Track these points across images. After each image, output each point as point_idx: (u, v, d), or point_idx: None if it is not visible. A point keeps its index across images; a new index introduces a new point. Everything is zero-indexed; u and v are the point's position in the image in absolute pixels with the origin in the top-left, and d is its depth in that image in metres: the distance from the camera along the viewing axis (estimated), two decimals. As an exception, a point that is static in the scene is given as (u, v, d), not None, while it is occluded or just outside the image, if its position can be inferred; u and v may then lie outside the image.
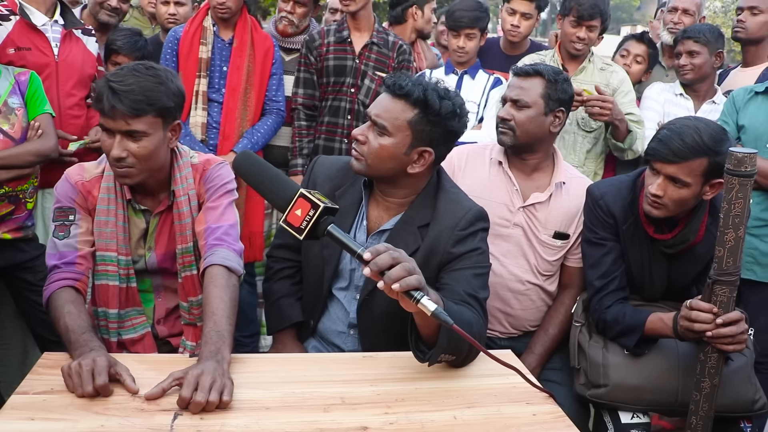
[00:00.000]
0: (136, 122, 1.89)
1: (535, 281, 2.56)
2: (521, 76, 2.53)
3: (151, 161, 1.96)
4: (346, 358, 1.95)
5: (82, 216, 2.04)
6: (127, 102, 1.86)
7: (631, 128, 3.32)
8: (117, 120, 1.89)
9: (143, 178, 2.00)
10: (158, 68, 1.98)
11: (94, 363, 1.61)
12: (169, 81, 1.96)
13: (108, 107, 1.87)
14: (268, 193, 1.66)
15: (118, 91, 1.86)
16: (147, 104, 1.89)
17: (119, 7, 3.49)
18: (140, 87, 1.89)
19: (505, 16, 3.78)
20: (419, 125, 1.96)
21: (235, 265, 1.96)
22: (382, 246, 1.55)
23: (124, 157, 1.91)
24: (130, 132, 1.90)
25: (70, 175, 2.07)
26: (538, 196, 2.51)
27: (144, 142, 1.92)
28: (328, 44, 3.44)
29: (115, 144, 1.91)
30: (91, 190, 2.04)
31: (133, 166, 1.94)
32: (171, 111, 1.97)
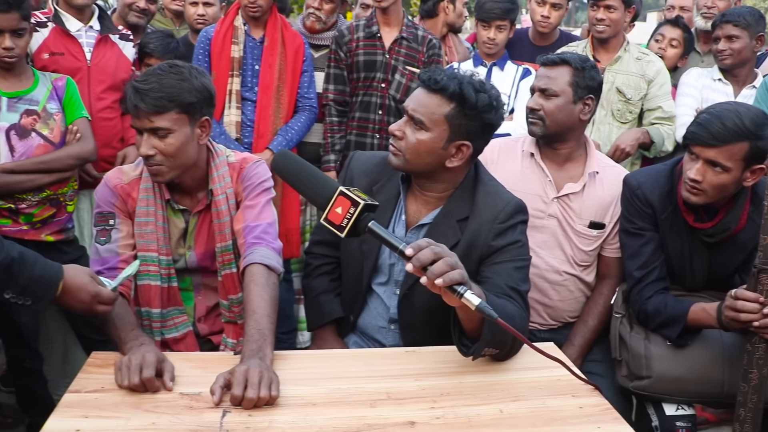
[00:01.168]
0: (159, 119, 1.92)
1: (572, 272, 2.54)
2: (548, 66, 2.51)
3: (179, 157, 1.98)
4: (389, 353, 1.95)
5: (122, 220, 2.07)
6: (148, 100, 1.89)
7: (653, 138, 3.31)
8: (141, 118, 1.92)
9: (176, 175, 2.01)
10: (182, 65, 2.00)
11: (143, 358, 1.64)
12: (192, 77, 1.97)
13: (131, 107, 1.92)
14: (308, 191, 1.66)
15: (140, 90, 1.90)
16: (168, 101, 1.91)
17: (147, 8, 3.52)
18: (161, 85, 1.91)
19: (534, 6, 3.75)
20: (456, 119, 1.95)
21: (274, 263, 1.97)
22: (424, 241, 1.54)
23: (152, 155, 1.94)
24: (155, 129, 1.93)
25: (109, 178, 2.10)
26: (572, 186, 2.50)
27: (170, 139, 1.94)
28: (357, 39, 3.45)
29: (143, 142, 1.95)
30: (131, 193, 2.07)
31: (162, 163, 1.96)
32: (195, 106, 1.97)
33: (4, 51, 2.57)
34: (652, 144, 3.36)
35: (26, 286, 1.63)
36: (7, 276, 1.60)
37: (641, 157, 3.52)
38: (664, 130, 3.39)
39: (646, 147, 3.39)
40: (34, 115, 2.69)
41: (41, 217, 2.71)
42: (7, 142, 2.64)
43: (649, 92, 3.42)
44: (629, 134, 3.34)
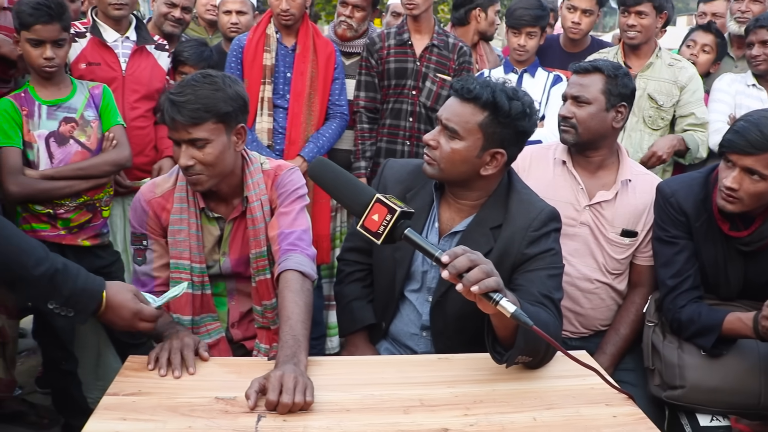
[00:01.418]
0: (197, 130, 1.94)
1: (604, 280, 2.53)
2: (580, 73, 2.50)
3: (218, 166, 2.01)
4: (422, 360, 1.96)
5: (154, 240, 2.13)
6: (185, 112, 1.92)
7: (689, 144, 3.29)
8: (179, 130, 1.95)
9: (215, 183, 2.04)
10: (215, 75, 2.03)
11: (182, 343, 1.79)
12: (227, 86, 2.00)
13: (169, 119, 1.94)
14: (344, 198, 1.68)
15: (176, 103, 1.92)
16: (204, 111, 1.94)
17: (182, 18, 3.57)
18: (197, 96, 1.93)
19: (565, 13, 3.74)
20: (490, 127, 1.95)
21: (308, 269, 1.99)
22: (460, 248, 1.55)
23: (191, 165, 1.97)
24: (193, 140, 1.96)
25: (142, 194, 2.14)
26: (604, 194, 2.49)
27: (208, 149, 1.97)
28: (388, 47, 3.47)
29: (182, 153, 1.97)
30: (165, 205, 2.11)
31: (202, 172, 1.99)
32: (231, 115, 2.00)
33: (45, 61, 2.63)
34: (687, 151, 3.33)
35: (69, 297, 1.67)
36: (51, 286, 1.64)
37: (673, 164, 3.49)
38: (698, 136, 3.36)
39: (681, 154, 3.36)
40: (73, 123, 2.75)
41: (78, 222, 2.77)
42: (47, 149, 2.70)
43: (681, 99, 3.39)
44: (665, 141, 3.32)
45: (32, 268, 1.61)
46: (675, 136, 3.36)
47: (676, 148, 3.30)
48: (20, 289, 1.66)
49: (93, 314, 1.72)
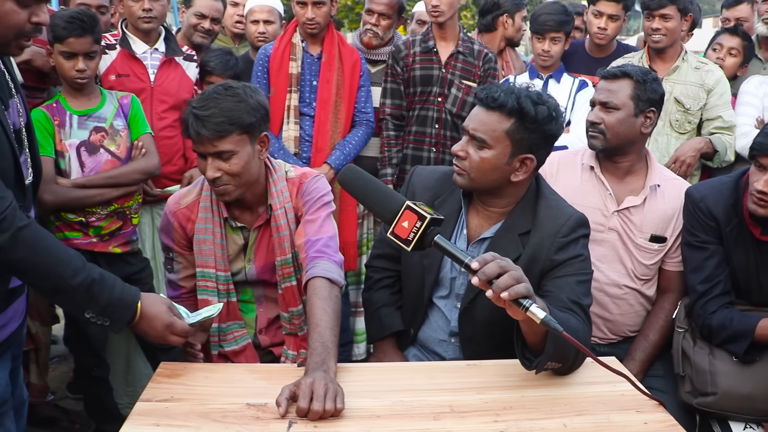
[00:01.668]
0: (222, 143, 1.97)
1: (632, 285, 2.52)
2: (609, 79, 2.50)
3: (245, 176, 2.03)
4: (450, 367, 1.96)
5: (179, 253, 2.18)
6: (210, 126, 1.94)
7: (717, 147, 3.26)
8: (204, 144, 1.98)
9: (242, 193, 2.07)
10: (236, 86, 2.05)
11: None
12: (248, 97, 2.02)
13: (194, 134, 1.97)
14: (374, 205, 1.69)
15: (200, 117, 1.95)
16: (229, 124, 1.96)
17: (212, 29, 3.61)
18: (220, 109, 1.96)
19: (591, 18, 3.71)
20: (517, 134, 1.96)
21: (336, 276, 2.00)
22: (489, 255, 1.56)
23: (218, 177, 2.00)
24: (219, 153, 1.98)
25: (169, 206, 2.18)
26: (633, 199, 2.48)
27: (234, 160, 1.99)
28: (414, 54, 3.48)
29: (208, 166, 2.00)
30: (190, 216, 2.15)
31: (229, 183, 2.02)
32: (254, 125, 2.02)
33: (77, 73, 2.68)
34: (715, 153, 3.30)
35: (105, 307, 1.70)
36: (89, 296, 1.67)
37: (701, 167, 3.45)
38: (726, 139, 3.33)
39: (708, 157, 3.33)
40: (102, 132, 2.79)
41: (109, 230, 2.81)
42: (78, 158, 2.74)
43: (708, 102, 3.36)
44: (689, 144, 3.29)
45: (70, 278, 1.64)
46: (701, 139, 3.33)
47: (702, 151, 3.27)
48: (59, 298, 1.70)
49: (128, 324, 1.75)
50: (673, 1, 3.31)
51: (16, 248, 1.58)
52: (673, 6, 3.32)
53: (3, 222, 1.55)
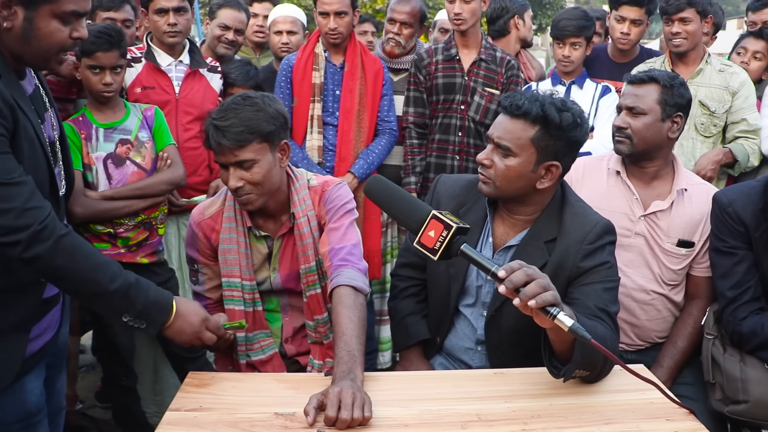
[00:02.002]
0: (243, 152, 1.99)
1: (660, 291, 2.49)
2: (635, 84, 2.49)
3: (267, 184, 2.05)
4: (478, 375, 1.96)
5: (204, 264, 2.21)
6: (230, 136, 1.97)
7: (737, 156, 3.23)
8: (226, 154, 2.00)
9: (265, 201, 2.09)
10: (254, 96, 2.07)
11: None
12: (266, 106, 2.04)
13: (215, 144, 1.99)
14: (400, 215, 1.70)
15: (220, 128, 1.97)
16: (249, 133, 1.98)
17: (235, 40, 3.64)
18: (239, 119, 1.98)
19: (613, 23, 3.69)
20: (542, 141, 1.96)
21: (361, 284, 2.00)
22: (516, 263, 1.56)
23: (241, 186, 2.02)
24: (240, 162, 2.00)
25: (193, 217, 2.21)
26: (659, 204, 2.46)
27: (255, 169, 2.01)
28: (436, 63, 3.49)
29: (230, 176, 2.02)
30: (214, 226, 2.17)
31: (252, 192, 2.04)
32: (273, 133, 2.04)
33: (104, 86, 2.72)
34: (735, 162, 3.27)
35: (142, 310, 1.75)
36: (126, 301, 1.72)
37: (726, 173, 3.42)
38: (749, 145, 3.30)
39: (729, 165, 3.30)
40: (128, 144, 2.83)
41: (136, 241, 2.84)
42: (105, 171, 2.78)
43: (733, 105, 3.32)
44: (708, 157, 3.26)
45: (108, 284, 1.69)
46: (719, 150, 3.30)
47: (721, 163, 3.25)
48: (97, 304, 1.75)
49: (162, 325, 1.80)
50: (691, 3, 3.29)
51: (57, 256, 1.62)
52: (692, 9, 3.30)
53: (44, 231, 1.59)
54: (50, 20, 1.59)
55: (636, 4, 3.57)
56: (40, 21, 1.58)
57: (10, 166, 1.56)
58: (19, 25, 1.57)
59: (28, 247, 1.58)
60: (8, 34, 1.58)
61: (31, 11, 1.57)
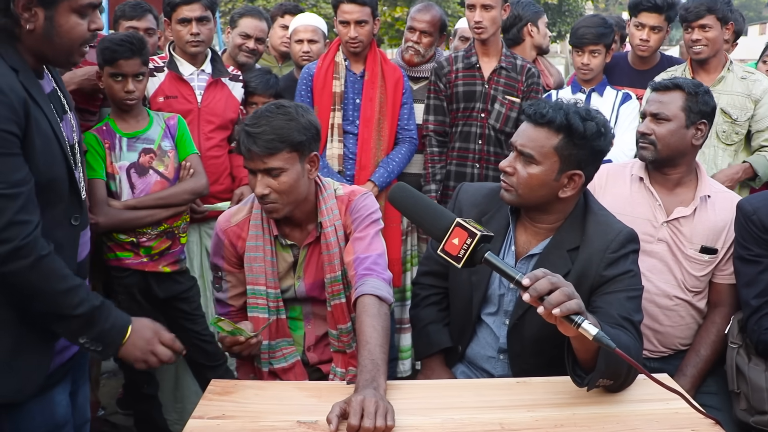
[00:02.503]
0: (272, 160, 2.00)
1: (683, 297, 2.48)
2: (660, 91, 2.49)
3: (293, 194, 2.06)
4: (500, 384, 1.95)
5: (228, 271, 2.22)
6: (261, 143, 1.98)
7: (758, 170, 3.23)
8: (255, 160, 2.01)
9: (290, 211, 2.10)
10: (288, 105, 2.09)
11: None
12: (299, 116, 2.06)
13: (245, 150, 2.01)
14: (424, 223, 1.70)
15: (251, 134, 1.99)
16: (279, 142, 2.00)
17: (256, 48, 3.67)
18: (271, 127, 2.00)
19: (633, 30, 3.68)
20: (566, 150, 1.96)
21: (385, 293, 2.01)
22: (540, 271, 1.55)
23: (267, 194, 2.03)
24: (269, 170, 2.01)
25: (219, 224, 2.22)
26: (682, 210, 2.45)
27: (283, 177, 2.02)
28: (456, 71, 3.49)
29: (258, 182, 2.03)
30: (240, 234, 2.18)
31: (277, 201, 2.05)
32: (304, 144, 2.05)
33: (126, 94, 2.75)
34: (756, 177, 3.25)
35: (100, 333, 1.74)
36: (86, 326, 1.72)
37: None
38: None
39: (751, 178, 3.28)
40: (151, 153, 2.85)
41: (159, 250, 2.86)
42: (128, 180, 2.80)
43: (756, 113, 3.30)
44: (726, 173, 3.24)
45: (74, 308, 1.69)
46: (739, 167, 3.27)
47: (740, 180, 3.24)
48: (56, 324, 1.73)
49: (119, 347, 1.79)
50: (711, 10, 3.27)
51: (33, 275, 1.62)
52: (712, 15, 3.28)
53: (24, 248, 1.59)
54: (70, 16, 1.62)
55: (655, 10, 3.56)
56: (61, 18, 1.61)
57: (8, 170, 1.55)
58: (41, 25, 1.60)
59: (5, 261, 1.57)
60: (31, 36, 1.61)
61: (51, 10, 1.60)
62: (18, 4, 1.56)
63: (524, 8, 3.98)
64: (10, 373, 1.66)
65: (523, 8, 3.98)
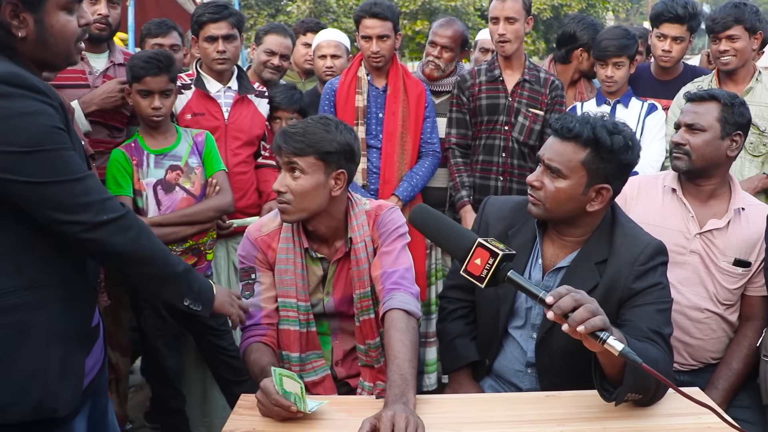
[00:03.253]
0: (296, 159, 2.04)
1: (714, 309, 2.46)
2: (695, 101, 2.48)
3: (306, 200, 2.07)
4: (529, 398, 1.95)
5: (263, 273, 2.20)
6: (291, 141, 2.04)
7: None
8: (282, 156, 2.06)
9: (302, 218, 2.11)
10: (331, 119, 2.13)
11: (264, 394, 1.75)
12: (338, 131, 2.08)
13: (275, 145, 2.07)
14: (447, 244, 1.71)
15: (286, 132, 2.06)
16: (307, 145, 2.03)
17: (281, 65, 3.71)
18: (306, 131, 2.05)
19: (655, 41, 3.66)
20: (593, 164, 1.96)
21: (413, 308, 2.02)
22: (564, 288, 1.55)
23: (282, 192, 2.05)
24: (291, 167, 2.05)
25: (250, 232, 2.23)
26: (716, 222, 2.43)
27: (301, 180, 2.04)
28: (479, 84, 3.49)
29: (278, 178, 2.08)
30: (270, 244, 2.19)
31: (290, 201, 2.06)
32: (332, 156, 2.07)
33: (152, 110, 2.80)
34: None
35: (198, 293, 1.85)
36: (187, 284, 1.82)
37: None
38: None
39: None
40: (178, 170, 2.88)
41: (185, 266, 2.89)
42: (155, 197, 2.84)
43: (785, 124, 3.27)
44: (744, 185, 3.20)
45: (177, 267, 1.80)
46: (756, 178, 3.24)
47: (756, 190, 3.20)
48: (166, 289, 1.82)
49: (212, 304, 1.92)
50: (738, 20, 3.24)
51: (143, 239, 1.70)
52: (740, 26, 3.24)
53: (127, 217, 1.66)
54: (58, 14, 1.60)
55: (677, 21, 3.53)
56: (51, 18, 1.60)
57: (73, 161, 1.59)
58: (32, 30, 1.58)
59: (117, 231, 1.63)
60: (25, 43, 1.59)
61: (39, 12, 1.58)
62: (5, 12, 1.54)
63: (583, 30, 3.86)
64: (56, 388, 1.63)
65: (582, 29, 3.86)
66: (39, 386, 1.59)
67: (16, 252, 1.57)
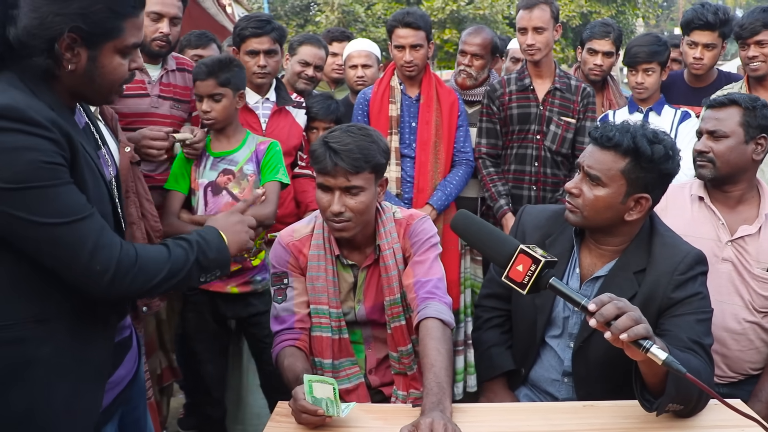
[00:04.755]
0: (355, 178, 2.03)
1: (751, 319, 2.42)
2: (715, 108, 2.45)
3: (365, 214, 2.09)
4: (566, 408, 1.94)
5: (295, 277, 2.21)
6: (348, 160, 2.01)
7: None
8: (338, 177, 2.03)
9: (359, 230, 2.12)
10: (368, 128, 2.14)
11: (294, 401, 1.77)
12: (379, 140, 2.10)
13: (331, 165, 2.01)
14: (488, 250, 1.72)
15: (338, 151, 2.01)
16: (365, 161, 2.03)
17: (315, 75, 3.73)
18: (357, 146, 2.03)
19: (686, 49, 3.63)
20: (633, 173, 1.95)
21: (448, 317, 2.03)
22: (606, 296, 1.55)
23: (342, 212, 2.05)
24: (349, 188, 2.04)
25: (282, 237, 2.25)
26: (747, 228, 2.40)
27: (361, 197, 2.05)
28: (510, 93, 3.49)
29: (334, 200, 2.05)
30: (302, 249, 2.20)
31: (350, 219, 2.07)
32: (383, 167, 2.10)
33: (202, 114, 2.84)
34: None
35: (211, 262, 1.71)
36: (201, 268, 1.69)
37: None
38: None
39: None
40: (230, 175, 2.89)
41: (224, 272, 2.89)
42: (204, 198, 2.87)
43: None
44: None
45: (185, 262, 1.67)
46: None
47: None
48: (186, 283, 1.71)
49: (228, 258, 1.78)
50: (766, 25, 3.21)
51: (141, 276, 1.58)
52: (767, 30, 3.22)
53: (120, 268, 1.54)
54: (113, 56, 1.58)
55: (708, 28, 3.51)
56: (105, 59, 1.57)
57: (75, 198, 1.51)
58: (83, 66, 1.54)
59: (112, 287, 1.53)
60: (71, 75, 1.55)
61: (95, 50, 1.54)
62: (62, 44, 1.49)
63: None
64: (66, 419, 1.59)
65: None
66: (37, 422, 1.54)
67: (23, 283, 1.51)
